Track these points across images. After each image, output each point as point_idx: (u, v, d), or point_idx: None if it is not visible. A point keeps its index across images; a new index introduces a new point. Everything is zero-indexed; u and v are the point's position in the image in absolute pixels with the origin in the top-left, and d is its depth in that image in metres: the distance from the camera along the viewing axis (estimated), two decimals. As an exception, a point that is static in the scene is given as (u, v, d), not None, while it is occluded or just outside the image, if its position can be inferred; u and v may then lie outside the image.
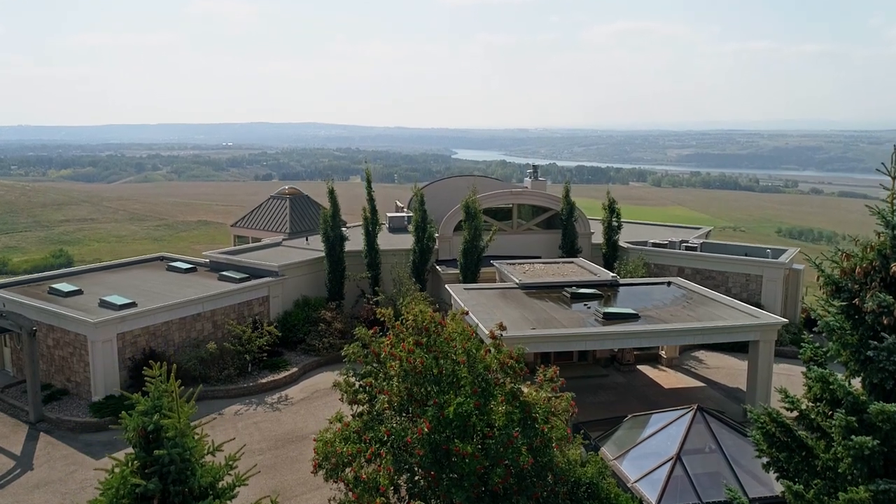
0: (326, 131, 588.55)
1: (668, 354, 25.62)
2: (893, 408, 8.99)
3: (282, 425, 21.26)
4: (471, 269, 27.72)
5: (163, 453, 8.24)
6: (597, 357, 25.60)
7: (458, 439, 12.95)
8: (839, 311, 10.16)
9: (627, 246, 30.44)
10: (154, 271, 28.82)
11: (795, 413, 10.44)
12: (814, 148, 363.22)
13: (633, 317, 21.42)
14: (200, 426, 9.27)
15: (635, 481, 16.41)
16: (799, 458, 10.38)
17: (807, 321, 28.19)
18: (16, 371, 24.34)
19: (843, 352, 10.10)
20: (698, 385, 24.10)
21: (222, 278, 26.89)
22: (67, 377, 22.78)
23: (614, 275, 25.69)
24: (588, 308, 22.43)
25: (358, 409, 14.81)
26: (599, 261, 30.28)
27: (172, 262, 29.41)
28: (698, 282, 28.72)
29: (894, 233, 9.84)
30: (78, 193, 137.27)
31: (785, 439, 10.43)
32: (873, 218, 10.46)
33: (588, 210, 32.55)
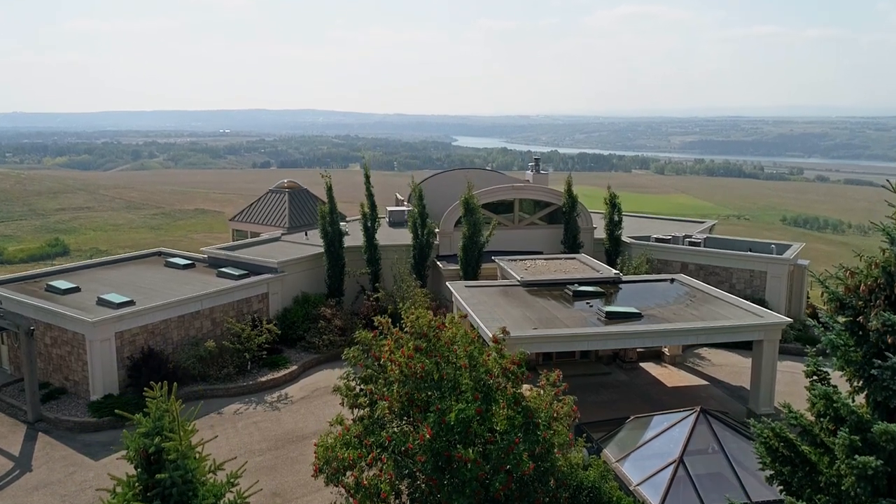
0: (325, 118, 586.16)
1: (672, 352, 25.44)
2: None
3: (282, 425, 21.12)
4: (471, 266, 27.46)
5: (164, 476, 8.21)
6: (599, 355, 25.41)
7: (459, 445, 12.82)
8: (843, 328, 10.09)
9: (630, 241, 30.16)
10: (152, 267, 28.57)
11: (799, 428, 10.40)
12: (819, 135, 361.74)
13: (635, 316, 21.19)
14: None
15: (638, 484, 16.28)
16: (802, 474, 10.31)
17: (811, 317, 28.00)
18: (13, 369, 24.17)
19: (847, 368, 10.05)
20: (702, 383, 23.93)
21: (221, 275, 26.64)
22: (66, 376, 22.60)
23: (617, 272, 25.43)
24: (590, 306, 22.20)
25: (358, 414, 14.65)
26: (602, 256, 30.03)
27: (170, 258, 29.15)
28: (702, 278, 28.49)
29: None
30: (74, 181, 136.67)
31: (788, 454, 10.36)
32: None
33: (590, 199, 32.29)
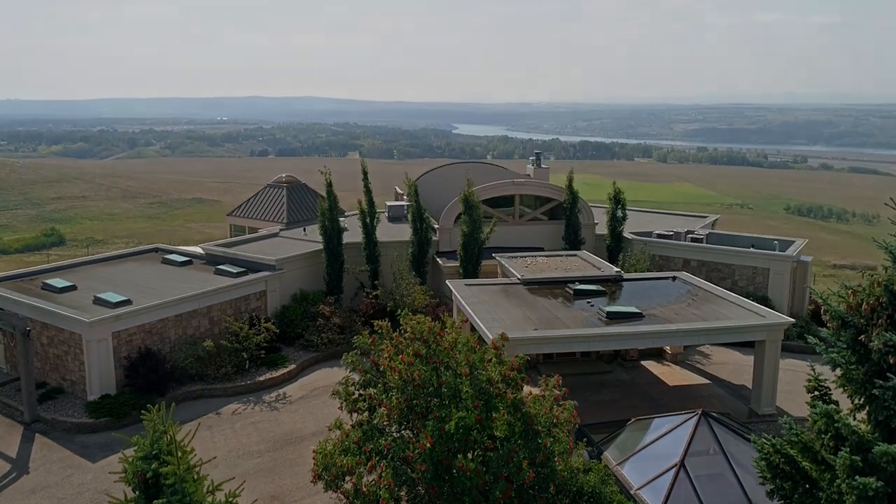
0: (324, 106, 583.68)
1: (673, 350, 25.25)
2: None
3: (280, 425, 20.98)
4: (471, 263, 27.21)
5: (163, 502, 8.18)
6: (600, 353, 25.22)
7: (459, 454, 12.71)
8: (845, 346, 10.20)
9: (632, 237, 29.89)
10: (149, 264, 28.32)
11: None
12: (824, 122, 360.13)
13: (636, 316, 21.00)
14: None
15: (638, 488, 16.17)
16: (803, 490, 10.42)
17: (813, 315, 27.80)
18: (9, 367, 23.99)
19: (848, 386, 10.22)
20: (703, 382, 23.77)
21: (219, 272, 26.40)
22: (62, 376, 22.44)
23: (618, 270, 25.18)
24: (591, 306, 21.99)
25: (357, 419, 14.52)
26: (603, 252, 29.79)
27: (168, 255, 28.87)
28: (704, 274, 28.28)
29: None
30: (69, 170, 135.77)
31: (789, 470, 10.43)
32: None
33: (592, 188, 32.04)
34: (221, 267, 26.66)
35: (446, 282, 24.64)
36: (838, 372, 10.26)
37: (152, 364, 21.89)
